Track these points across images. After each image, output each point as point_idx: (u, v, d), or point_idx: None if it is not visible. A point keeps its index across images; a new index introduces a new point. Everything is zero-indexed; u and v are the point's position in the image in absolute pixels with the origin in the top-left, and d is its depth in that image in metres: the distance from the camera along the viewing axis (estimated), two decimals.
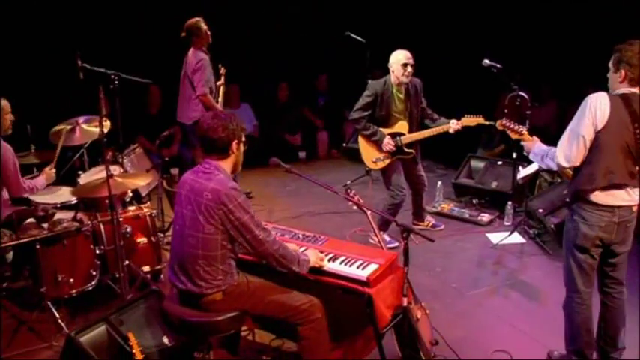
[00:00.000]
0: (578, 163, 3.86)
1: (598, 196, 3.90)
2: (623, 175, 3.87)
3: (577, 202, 4.00)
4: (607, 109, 3.76)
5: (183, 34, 6.75)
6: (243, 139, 3.81)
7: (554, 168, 4.03)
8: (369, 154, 6.42)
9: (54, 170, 5.34)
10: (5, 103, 5.06)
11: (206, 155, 3.76)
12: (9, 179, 5.00)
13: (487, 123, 6.21)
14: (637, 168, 3.89)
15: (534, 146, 4.26)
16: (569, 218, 4.12)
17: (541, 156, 4.12)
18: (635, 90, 3.85)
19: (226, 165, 3.77)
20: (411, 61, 6.17)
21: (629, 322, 4.35)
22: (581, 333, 4.21)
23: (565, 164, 3.88)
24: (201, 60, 6.72)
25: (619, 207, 3.92)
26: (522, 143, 4.41)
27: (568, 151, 3.84)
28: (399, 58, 6.17)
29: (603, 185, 3.86)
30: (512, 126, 4.47)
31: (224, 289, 3.71)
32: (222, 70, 7.21)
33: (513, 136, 4.49)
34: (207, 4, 9.94)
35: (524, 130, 4.43)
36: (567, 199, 4.15)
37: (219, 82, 7.16)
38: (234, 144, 3.71)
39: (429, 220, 7.08)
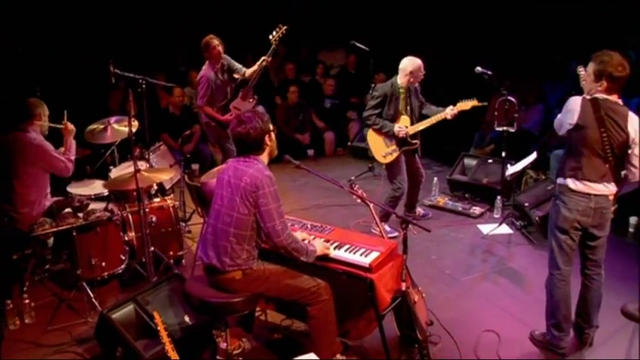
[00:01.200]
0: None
1: (576, 185, 4.01)
2: (591, 173, 3.96)
3: (559, 190, 4.11)
4: (577, 112, 3.88)
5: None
6: (272, 127, 3.85)
7: None
8: (379, 150, 6.41)
9: (68, 123, 5.42)
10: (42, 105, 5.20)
11: (244, 154, 3.79)
12: (55, 166, 5.21)
13: (480, 104, 6.21)
14: (607, 166, 3.94)
15: None
16: (553, 204, 4.23)
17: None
18: (609, 97, 3.88)
19: (264, 157, 3.82)
20: None
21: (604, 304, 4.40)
22: (560, 307, 4.26)
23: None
24: (202, 76, 6.82)
25: (595, 195, 4.00)
26: None
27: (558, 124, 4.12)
28: (419, 64, 6.25)
29: (570, 175, 4.02)
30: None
31: (244, 270, 3.74)
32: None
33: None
34: (225, 10, 10.00)
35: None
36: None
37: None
38: (266, 138, 3.76)
39: (419, 210, 7.08)
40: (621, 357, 4.34)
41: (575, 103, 3.93)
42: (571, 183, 4.03)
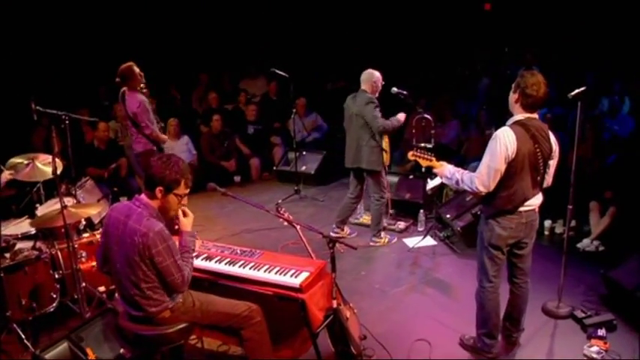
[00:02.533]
0: (492, 189, 3.98)
1: (514, 207, 4.06)
2: (530, 189, 4.05)
3: (489, 212, 4.13)
4: (514, 141, 3.88)
5: (118, 79, 6.47)
6: (183, 192, 3.62)
7: (471, 191, 4.13)
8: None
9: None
10: None
11: (145, 191, 3.63)
12: None
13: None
14: (538, 178, 4.08)
15: (445, 170, 4.27)
16: (483, 222, 4.22)
17: (456, 180, 4.15)
18: (531, 115, 4.01)
19: (155, 204, 3.61)
20: None
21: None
22: (492, 317, 4.35)
23: (484, 191, 3.98)
24: (140, 102, 6.46)
25: (526, 210, 4.10)
26: (434, 170, 4.39)
27: (487, 182, 3.94)
28: (379, 76, 6.44)
29: (519, 204, 4.04)
30: (422, 155, 4.44)
31: (171, 307, 3.68)
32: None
33: (424, 164, 4.45)
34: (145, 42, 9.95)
35: (432, 157, 4.40)
36: (481, 212, 4.26)
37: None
38: (158, 189, 3.54)
39: (346, 229, 7.18)
40: (546, 353, 4.52)
41: (505, 135, 3.91)
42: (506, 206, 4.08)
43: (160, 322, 3.67)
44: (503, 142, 3.88)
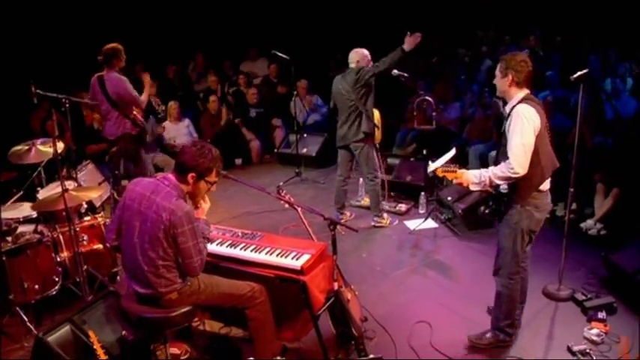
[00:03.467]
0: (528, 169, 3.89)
1: (544, 185, 4.03)
2: (554, 158, 4.08)
3: (528, 196, 4.01)
4: (535, 114, 3.86)
5: (101, 58, 6.34)
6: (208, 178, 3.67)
7: (507, 182, 3.96)
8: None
9: None
10: None
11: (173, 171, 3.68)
12: None
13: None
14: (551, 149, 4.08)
15: (471, 177, 4.07)
16: (518, 210, 4.04)
17: (488, 180, 3.98)
18: (528, 92, 4.01)
19: (185, 187, 3.65)
20: None
21: None
22: (516, 306, 4.35)
23: (522, 172, 3.83)
24: (124, 80, 6.36)
25: (547, 189, 4.10)
26: (457, 182, 4.19)
27: (524, 162, 3.82)
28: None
29: (548, 176, 4.01)
30: (447, 169, 4.24)
31: (179, 290, 3.68)
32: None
33: (451, 177, 4.21)
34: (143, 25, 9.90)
35: (456, 168, 4.21)
36: (513, 198, 4.05)
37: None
38: (190, 175, 3.59)
39: (348, 213, 7.17)
40: (546, 335, 4.52)
41: (528, 111, 3.85)
42: (541, 186, 4.02)
43: (165, 303, 3.68)
44: (528, 116, 3.84)
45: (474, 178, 4.04)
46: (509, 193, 4.06)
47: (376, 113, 6.42)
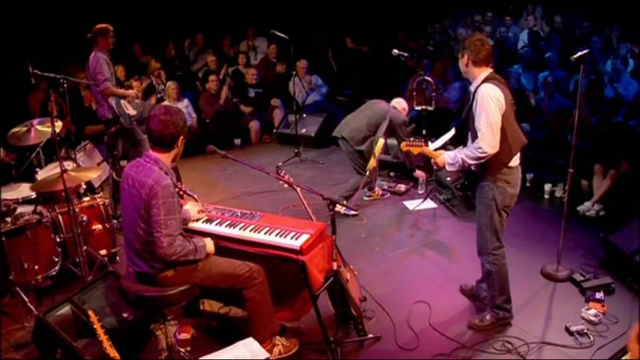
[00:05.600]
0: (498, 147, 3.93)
1: (513, 161, 4.07)
2: (520, 134, 4.11)
3: (497, 173, 4.06)
4: (501, 94, 3.90)
5: (90, 35, 6.21)
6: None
7: (478, 162, 3.99)
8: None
9: None
10: None
11: (153, 147, 3.66)
12: None
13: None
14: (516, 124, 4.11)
15: (446, 157, 4.18)
16: (490, 187, 4.10)
17: (461, 160, 4.05)
18: (490, 70, 4.04)
19: (167, 158, 3.67)
20: None
21: None
22: (507, 280, 4.35)
23: (492, 151, 3.90)
24: (98, 58, 6.16)
25: (517, 165, 4.14)
26: (432, 161, 4.33)
27: (493, 141, 3.88)
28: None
29: (517, 152, 4.06)
30: (412, 143, 4.40)
31: (175, 267, 3.68)
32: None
33: (416, 151, 4.40)
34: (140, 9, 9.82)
35: (422, 143, 4.36)
36: (484, 175, 4.11)
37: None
38: (180, 139, 3.65)
39: (377, 189, 7.20)
40: (544, 315, 4.52)
41: (490, 89, 3.90)
42: (510, 162, 4.05)
43: (162, 281, 3.68)
44: (493, 95, 3.89)
45: (449, 159, 4.17)
46: (480, 171, 4.12)
47: (380, 143, 6.27)
